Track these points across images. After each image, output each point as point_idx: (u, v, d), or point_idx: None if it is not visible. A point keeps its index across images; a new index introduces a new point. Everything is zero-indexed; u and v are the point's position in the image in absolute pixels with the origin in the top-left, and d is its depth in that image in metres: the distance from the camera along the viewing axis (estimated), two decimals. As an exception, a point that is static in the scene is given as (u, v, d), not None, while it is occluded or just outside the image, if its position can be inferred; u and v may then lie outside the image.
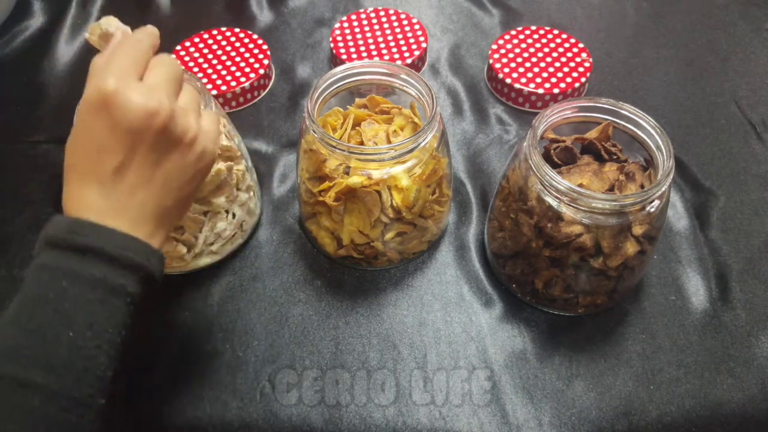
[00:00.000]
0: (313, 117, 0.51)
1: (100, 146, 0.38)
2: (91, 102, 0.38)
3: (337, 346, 0.56)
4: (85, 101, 0.39)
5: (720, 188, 0.66)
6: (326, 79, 0.54)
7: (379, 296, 0.59)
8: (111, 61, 0.39)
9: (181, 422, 0.51)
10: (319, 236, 0.60)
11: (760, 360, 0.54)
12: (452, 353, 0.55)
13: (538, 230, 0.51)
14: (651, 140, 0.50)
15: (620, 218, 0.48)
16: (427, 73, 0.80)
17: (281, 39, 0.83)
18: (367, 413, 0.52)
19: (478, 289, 0.59)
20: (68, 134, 0.40)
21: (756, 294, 0.58)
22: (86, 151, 0.39)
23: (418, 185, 0.53)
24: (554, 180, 0.47)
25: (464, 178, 0.68)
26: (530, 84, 0.73)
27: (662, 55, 0.81)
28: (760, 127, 0.72)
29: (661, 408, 0.52)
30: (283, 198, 0.67)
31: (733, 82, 0.77)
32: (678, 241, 0.62)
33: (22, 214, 0.64)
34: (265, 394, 0.53)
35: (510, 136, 0.72)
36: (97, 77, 0.38)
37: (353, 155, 0.50)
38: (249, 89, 0.75)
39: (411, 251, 0.60)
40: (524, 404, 0.52)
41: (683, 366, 0.54)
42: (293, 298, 0.59)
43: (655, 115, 0.52)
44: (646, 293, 0.59)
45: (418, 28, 0.79)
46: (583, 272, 0.52)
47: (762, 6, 0.87)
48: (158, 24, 0.44)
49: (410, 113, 0.58)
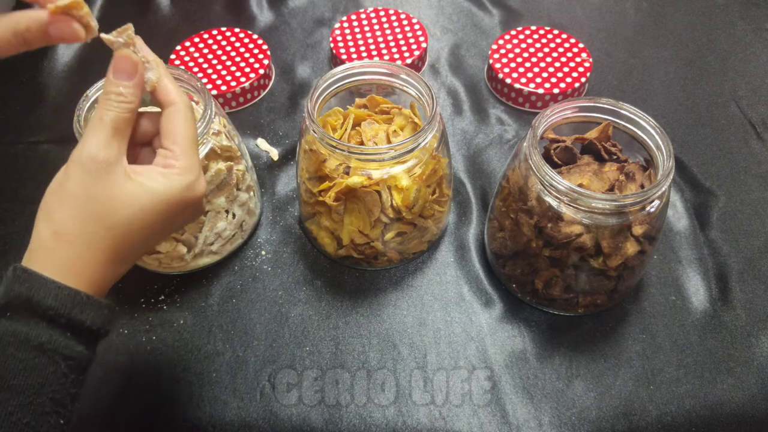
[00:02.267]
0: (313, 117, 0.51)
1: (154, 234, 0.39)
2: (184, 201, 0.39)
3: (337, 346, 0.56)
4: (178, 197, 0.38)
5: (720, 188, 0.66)
6: (326, 79, 0.54)
7: (379, 296, 0.59)
8: (194, 156, 0.40)
9: (181, 422, 0.51)
10: (319, 236, 0.60)
11: (760, 360, 0.54)
12: (452, 353, 0.55)
13: (538, 230, 0.51)
14: (651, 140, 0.50)
15: (620, 218, 0.48)
16: (427, 73, 0.80)
17: (281, 39, 0.83)
18: (367, 413, 0.52)
19: (478, 289, 0.59)
20: (68, 134, 0.40)
21: (756, 294, 0.58)
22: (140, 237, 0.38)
23: (418, 185, 0.53)
24: (554, 180, 0.47)
25: (464, 178, 0.68)
26: (530, 84, 0.73)
27: (662, 55, 0.81)
28: (760, 127, 0.72)
29: (661, 408, 0.52)
30: (283, 198, 0.67)
31: (733, 82, 0.77)
32: (678, 241, 0.62)
33: (22, 214, 0.64)
34: (265, 394, 0.53)
35: (510, 136, 0.72)
36: (190, 174, 0.39)
37: (353, 155, 0.50)
38: (249, 89, 0.75)
39: (411, 251, 0.60)
40: (524, 404, 0.52)
41: (683, 366, 0.54)
42: (293, 298, 0.59)
43: (655, 115, 0.52)
44: (646, 293, 0.59)
45: (418, 28, 0.79)
46: (583, 272, 0.52)
47: (762, 6, 0.87)
48: (158, 24, 0.44)
49: (410, 113, 0.58)
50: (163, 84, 0.40)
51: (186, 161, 0.39)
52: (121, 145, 0.38)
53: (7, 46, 0.37)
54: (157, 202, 0.38)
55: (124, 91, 0.38)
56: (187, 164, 0.39)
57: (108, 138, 0.37)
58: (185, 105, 0.40)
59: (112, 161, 0.37)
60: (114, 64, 0.38)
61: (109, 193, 0.36)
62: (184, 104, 0.40)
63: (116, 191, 0.37)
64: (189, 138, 0.40)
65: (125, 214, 0.37)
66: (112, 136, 0.37)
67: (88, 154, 0.36)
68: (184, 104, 0.40)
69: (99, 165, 0.36)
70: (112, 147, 0.37)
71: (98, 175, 0.36)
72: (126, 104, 0.38)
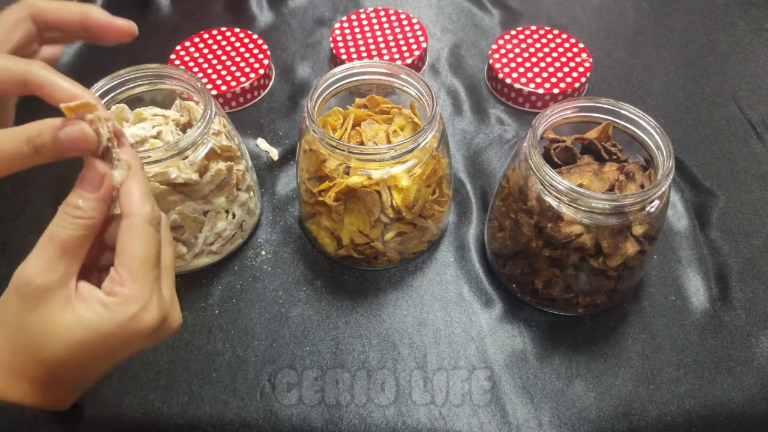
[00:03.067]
0: (313, 117, 0.51)
1: (94, 367, 0.35)
2: (125, 336, 0.34)
3: (337, 346, 0.56)
4: (116, 331, 0.34)
5: (720, 188, 0.66)
6: (326, 79, 0.54)
7: (379, 296, 0.59)
8: (144, 282, 0.34)
9: (181, 422, 0.51)
10: (319, 236, 0.60)
11: (760, 360, 0.54)
12: (452, 353, 0.55)
13: (538, 230, 0.51)
14: (651, 140, 0.50)
15: (620, 218, 0.48)
16: (427, 73, 0.80)
17: (281, 39, 0.83)
18: (367, 413, 0.52)
19: (478, 289, 0.59)
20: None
21: (756, 294, 0.58)
22: (78, 371, 0.34)
23: (418, 185, 0.53)
24: (554, 180, 0.47)
25: (464, 178, 0.68)
26: (530, 84, 0.73)
27: (662, 55, 0.81)
28: (760, 127, 0.72)
29: (661, 408, 0.52)
30: (283, 198, 0.67)
31: (733, 82, 0.77)
32: (678, 241, 0.62)
33: (22, 214, 0.64)
34: (265, 394, 0.53)
35: (510, 136, 0.72)
36: (135, 304, 0.34)
37: (353, 155, 0.50)
38: (249, 89, 0.75)
39: (411, 251, 0.60)
40: (524, 404, 0.52)
41: (683, 366, 0.54)
42: (293, 298, 0.59)
43: (655, 115, 0.52)
44: (646, 293, 0.59)
45: (418, 28, 0.79)
46: (583, 272, 0.52)
47: (762, 6, 0.87)
48: (158, 24, 0.44)
49: (410, 113, 0.58)
50: (126, 188, 0.35)
51: (132, 289, 0.34)
52: (69, 266, 0.33)
53: (18, 158, 0.34)
54: (90, 337, 0.33)
55: (83, 205, 0.33)
56: (133, 293, 0.34)
57: (53, 259, 0.33)
58: (143, 219, 0.34)
59: (52, 287, 0.33)
60: (82, 173, 0.34)
61: (41, 325, 0.33)
62: (141, 218, 0.34)
63: (49, 323, 0.33)
64: (141, 260, 0.34)
65: (57, 349, 0.33)
66: (59, 257, 0.33)
67: (25, 279, 0.33)
68: (141, 218, 0.34)
69: (34, 292, 0.32)
70: (56, 270, 0.33)
71: (32, 302, 0.33)
72: (83, 220, 0.33)
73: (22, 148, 0.33)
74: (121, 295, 0.33)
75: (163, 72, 0.54)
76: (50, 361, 0.33)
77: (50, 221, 0.34)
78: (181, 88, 0.55)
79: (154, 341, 0.37)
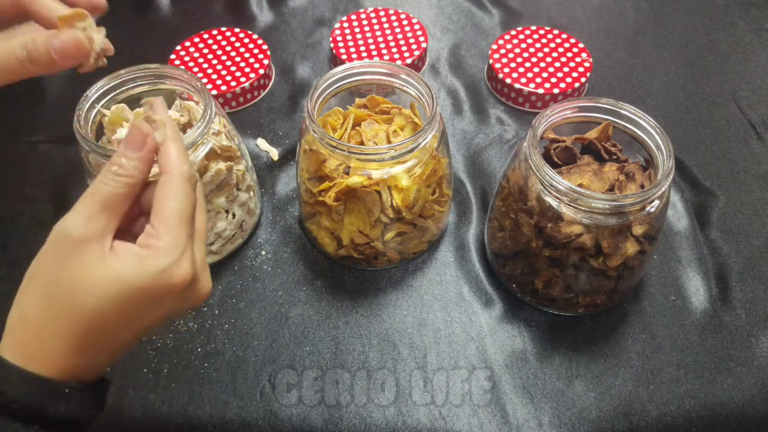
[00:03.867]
0: (313, 117, 0.51)
1: (126, 327, 0.35)
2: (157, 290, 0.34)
3: (337, 346, 0.56)
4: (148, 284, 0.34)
5: (720, 188, 0.66)
6: (326, 79, 0.54)
7: (379, 296, 0.59)
8: (180, 237, 0.35)
9: (181, 422, 0.51)
10: (319, 236, 0.60)
11: (760, 360, 0.54)
12: (452, 353, 0.55)
13: (538, 230, 0.51)
14: (651, 140, 0.50)
15: (620, 218, 0.48)
16: (427, 73, 0.80)
17: (281, 39, 0.83)
18: (367, 413, 0.52)
19: (478, 289, 0.59)
20: (68, 134, 0.40)
21: (756, 294, 0.58)
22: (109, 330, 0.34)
23: (418, 185, 0.53)
24: (554, 180, 0.47)
25: (464, 178, 0.68)
26: (530, 84, 0.73)
27: (662, 55, 0.81)
28: (760, 127, 0.72)
29: (661, 408, 0.52)
30: (283, 198, 0.67)
31: (733, 82, 0.77)
32: (678, 241, 0.62)
33: (22, 214, 0.64)
34: (265, 394, 0.53)
35: (510, 136, 0.72)
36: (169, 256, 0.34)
37: (353, 155, 0.50)
38: (249, 89, 0.75)
39: (411, 251, 0.60)
40: (524, 404, 0.52)
41: (683, 366, 0.54)
42: (293, 298, 0.59)
43: (655, 115, 0.52)
44: (646, 293, 0.59)
45: (418, 28, 0.79)
46: (583, 272, 0.52)
47: (762, 6, 0.87)
48: (158, 24, 0.44)
49: (410, 113, 0.58)
50: (165, 148, 0.36)
51: (168, 241, 0.34)
52: (108, 222, 0.34)
53: (11, 64, 0.35)
54: (122, 290, 0.33)
55: (126, 164, 0.35)
56: (167, 246, 0.34)
57: (94, 213, 0.34)
58: (181, 175, 0.36)
59: (88, 239, 0.33)
60: (127, 134, 0.36)
61: (75, 277, 0.33)
62: (180, 174, 0.36)
63: (82, 275, 0.33)
64: (177, 214, 0.35)
65: (88, 304, 0.33)
66: (99, 211, 0.34)
67: (64, 229, 0.33)
68: (180, 174, 0.36)
69: (71, 242, 0.33)
70: (96, 223, 0.33)
71: (68, 254, 0.33)
72: (125, 179, 0.35)
73: (16, 52, 0.35)
74: (155, 248, 0.34)
75: (163, 72, 0.54)
76: (81, 315, 0.33)
77: (50, 221, 0.34)
78: (181, 88, 0.55)
79: (184, 305, 0.37)
